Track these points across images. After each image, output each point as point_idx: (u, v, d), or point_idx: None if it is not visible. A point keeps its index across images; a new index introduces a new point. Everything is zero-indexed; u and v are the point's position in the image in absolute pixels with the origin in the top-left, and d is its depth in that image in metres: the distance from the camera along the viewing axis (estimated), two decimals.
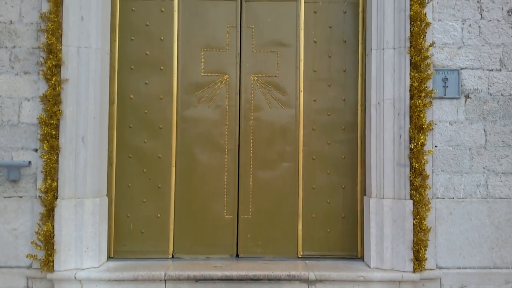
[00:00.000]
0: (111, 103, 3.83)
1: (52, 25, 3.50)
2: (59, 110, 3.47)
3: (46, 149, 3.46)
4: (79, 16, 3.54)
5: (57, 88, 3.47)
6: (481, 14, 3.69)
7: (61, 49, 3.51)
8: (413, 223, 3.52)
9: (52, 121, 3.47)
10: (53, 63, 3.48)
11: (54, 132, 3.47)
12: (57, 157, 3.49)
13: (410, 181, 3.54)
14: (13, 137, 3.56)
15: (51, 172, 3.47)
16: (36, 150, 3.55)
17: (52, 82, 3.46)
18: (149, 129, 3.89)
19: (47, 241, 3.45)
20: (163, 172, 3.88)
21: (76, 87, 3.52)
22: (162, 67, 3.91)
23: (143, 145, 3.88)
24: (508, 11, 3.69)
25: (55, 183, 3.48)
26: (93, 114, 3.56)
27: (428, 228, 3.53)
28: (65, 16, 3.53)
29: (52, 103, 3.47)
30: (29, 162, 3.51)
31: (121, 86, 3.89)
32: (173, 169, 3.89)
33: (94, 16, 3.57)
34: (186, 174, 3.90)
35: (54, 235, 3.46)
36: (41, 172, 3.49)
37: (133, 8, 3.91)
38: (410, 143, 3.54)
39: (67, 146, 3.50)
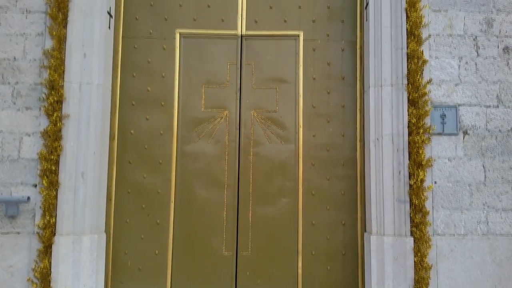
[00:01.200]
0: (111, 138, 3.86)
1: (55, 62, 3.55)
2: (59, 145, 3.49)
3: (46, 184, 3.45)
4: (82, 53, 3.61)
5: (58, 124, 3.50)
6: (477, 52, 3.75)
7: (63, 85, 3.56)
8: (414, 261, 3.48)
9: (52, 157, 3.48)
10: (55, 99, 3.52)
11: (54, 168, 3.47)
12: (56, 193, 3.48)
13: (411, 217, 3.53)
14: (13, 172, 3.56)
15: (50, 208, 3.45)
16: (36, 186, 3.54)
17: (53, 117, 3.49)
18: (148, 164, 3.90)
19: (44, 279, 3.40)
20: (162, 208, 3.87)
21: (77, 123, 3.55)
22: (163, 103, 3.95)
23: (143, 180, 3.88)
24: (503, 49, 3.76)
25: (54, 219, 3.46)
26: (93, 150, 3.58)
27: (429, 265, 3.49)
28: (68, 53, 3.59)
29: (52, 139, 3.49)
30: (28, 197, 3.50)
31: (122, 122, 3.92)
32: (172, 204, 3.87)
33: (96, 53, 3.64)
34: (185, 210, 3.88)
35: (51, 272, 3.42)
36: (40, 208, 3.48)
37: (135, 46, 3.99)
38: (409, 179, 3.55)
39: (66, 181, 3.50)
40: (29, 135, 3.59)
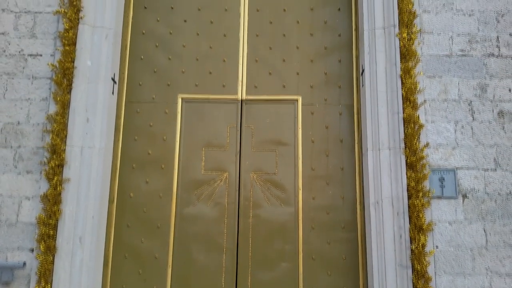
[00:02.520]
0: (110, 201, 3.85)
1: (58, 126, 3.62)
2: (58, 209, 3.48)
3: (43, 249, 3.41)
4: (85, 117, 3.68)
5: (58, 188, 3.51)
6: (472, 116, 3.82)
7: (64, 149, 3.60)
8: None
9: (51, 221, 3.46)
10: (56, 163, 3.55)
11: (51, 233, 3.44)
12: (53, 258, 3.43)
13: (413, 283, 3.45)
14: (10, 237, 3.53)
15: (46, 273, 3.39)
16: (32, 250, 3.50)
17: (54, 181, 3.51)
18: (146, 228, 3.87)
19: None
20: (159, 273, 3.80)
21: (77, 187, 3.56)
22: (163, 166, 3.98)
23: (140, 244, 3.84)
24: (498, 113, 3.83)
25: (49, 285, 3.39)
26: (92, 214, 3.57)
27: None
28: (71, 117, 3.66)
29: (52, 203, 3.48)
30: (24, 263, 3.44)
31: (122, 185, 3.93)
32: (169, 269, 3.80)
33: (99, 118, 3.71)
34: (183, 275, 3.81)
35: None
36: (36, 273, 3.41)
37: (138, 110, 4.08)
38: (411, 244, 3.51)
39: (64, 246, 3.46)
40: (29, 199, 3.59)
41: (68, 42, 3.72)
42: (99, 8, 3.85)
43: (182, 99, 4.11)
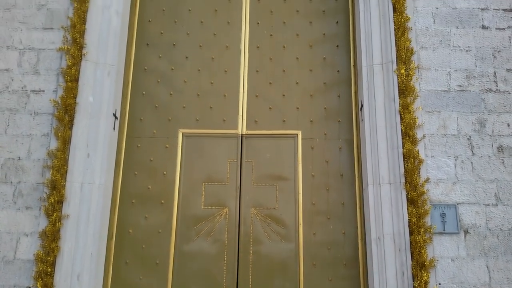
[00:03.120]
0: (109, 238, 3.82)
1: (58, 162, 3.62)
2: (57, 246, 3.45)
3: (40, 287, 3.36)
4: (86, 153, 3.69)
5: (57, 224, 3.48)
6: (472, 151, 3.83)
7: (64, 185, 3.59)
8: None
9: (49, 258, 3.42)
10: (56, 198, 3.53)
11: (49, 270, 3.40)
12: None
13: None
14: (7, 274, 3.48)
15: None
16: None
17: (53, 218, 3.49)
18: (145, 265, 3.82)
19: None
20: None
21: (76, 223, 3.54)
22: (162, 201, 3.96)
23: (139, 282, 3.78)
24: (498, 148, 3.84)
25: None
26: (91, 251, 3.53)
27: None
28: (72, 153, 3.67)
29: (50, 239, 3.45)
30: None
31: (121, 220, 3.91)
32: None
33: (100, 153, 3.73)
34: None
35: None
36: None
37: (139, 145, 4.10)
38: (413, 281, 3.45)
39: (61, 284, 3.41)
40: (27, 235, 3.56)
41: (71, 78, 3.77)
42: (102, 45, 3.92)
43: (182, 133, 4.13)
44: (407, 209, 3.60)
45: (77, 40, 3.86)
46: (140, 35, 4.36)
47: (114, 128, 3.90)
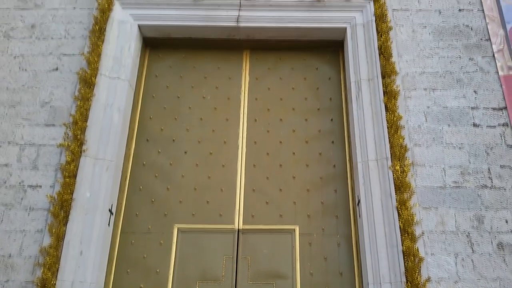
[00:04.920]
0: None
1: (50, 260, 3.52)
2: None
3: None
4: (79, 250, 3.61)
5: None
6: (472, 248, 3.76)
7: (55, 283, 3.47)
8: None
9: None
10: None
11: None
12: None
13: None
14: None
15: None
16: None
17: None
18: None
19: None
20: None
21: None
22: None
23: None
24: (497, 245, 3.78)
25: None
26: None
27: None
28: (65, 250, 3.59)
29: None
30: None
31: None
32: None
33: (93, 250, 3.65)
34: None
35: None
36: None
37: (133, 241, 4.02)
38: None
39: None
40: None
41: (69, 174, 3.80)
42: (103, 141, 4.00)
43: (178, 229, 4.07)
44: None
45: (78, 136, 3.94)
46: (140, 131, 4.46)
47: (109, 224, 3.85)
